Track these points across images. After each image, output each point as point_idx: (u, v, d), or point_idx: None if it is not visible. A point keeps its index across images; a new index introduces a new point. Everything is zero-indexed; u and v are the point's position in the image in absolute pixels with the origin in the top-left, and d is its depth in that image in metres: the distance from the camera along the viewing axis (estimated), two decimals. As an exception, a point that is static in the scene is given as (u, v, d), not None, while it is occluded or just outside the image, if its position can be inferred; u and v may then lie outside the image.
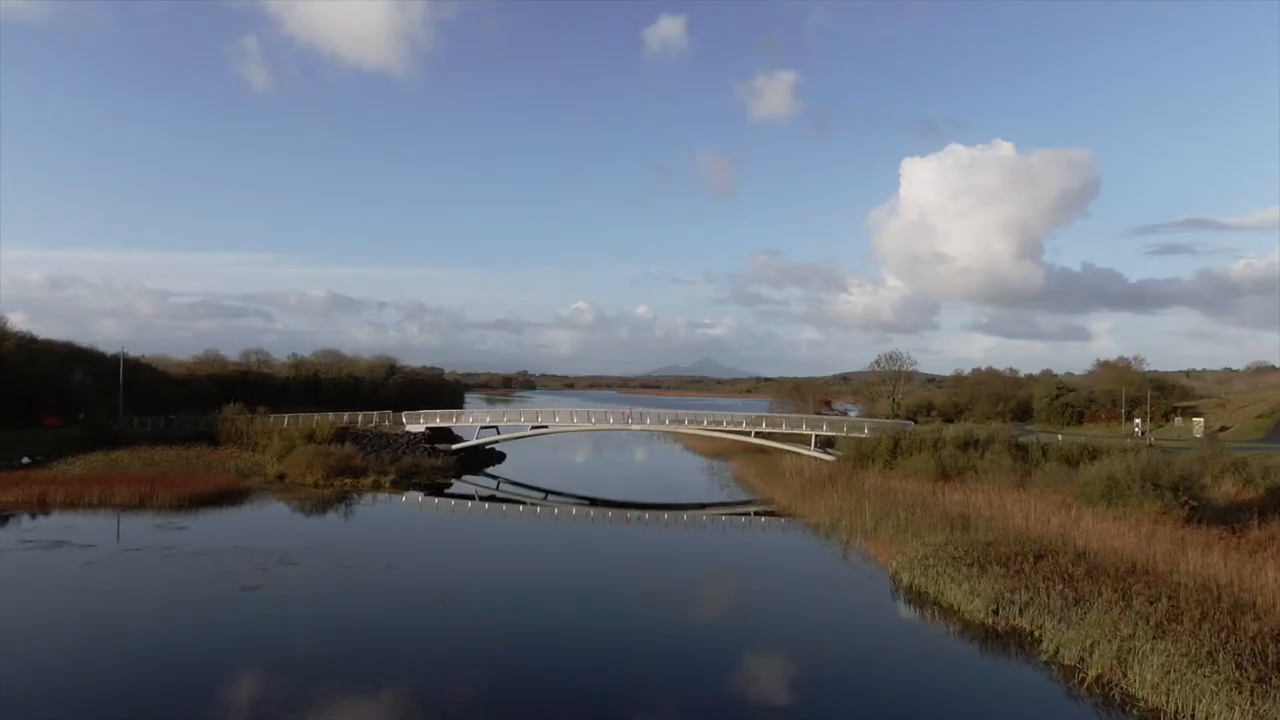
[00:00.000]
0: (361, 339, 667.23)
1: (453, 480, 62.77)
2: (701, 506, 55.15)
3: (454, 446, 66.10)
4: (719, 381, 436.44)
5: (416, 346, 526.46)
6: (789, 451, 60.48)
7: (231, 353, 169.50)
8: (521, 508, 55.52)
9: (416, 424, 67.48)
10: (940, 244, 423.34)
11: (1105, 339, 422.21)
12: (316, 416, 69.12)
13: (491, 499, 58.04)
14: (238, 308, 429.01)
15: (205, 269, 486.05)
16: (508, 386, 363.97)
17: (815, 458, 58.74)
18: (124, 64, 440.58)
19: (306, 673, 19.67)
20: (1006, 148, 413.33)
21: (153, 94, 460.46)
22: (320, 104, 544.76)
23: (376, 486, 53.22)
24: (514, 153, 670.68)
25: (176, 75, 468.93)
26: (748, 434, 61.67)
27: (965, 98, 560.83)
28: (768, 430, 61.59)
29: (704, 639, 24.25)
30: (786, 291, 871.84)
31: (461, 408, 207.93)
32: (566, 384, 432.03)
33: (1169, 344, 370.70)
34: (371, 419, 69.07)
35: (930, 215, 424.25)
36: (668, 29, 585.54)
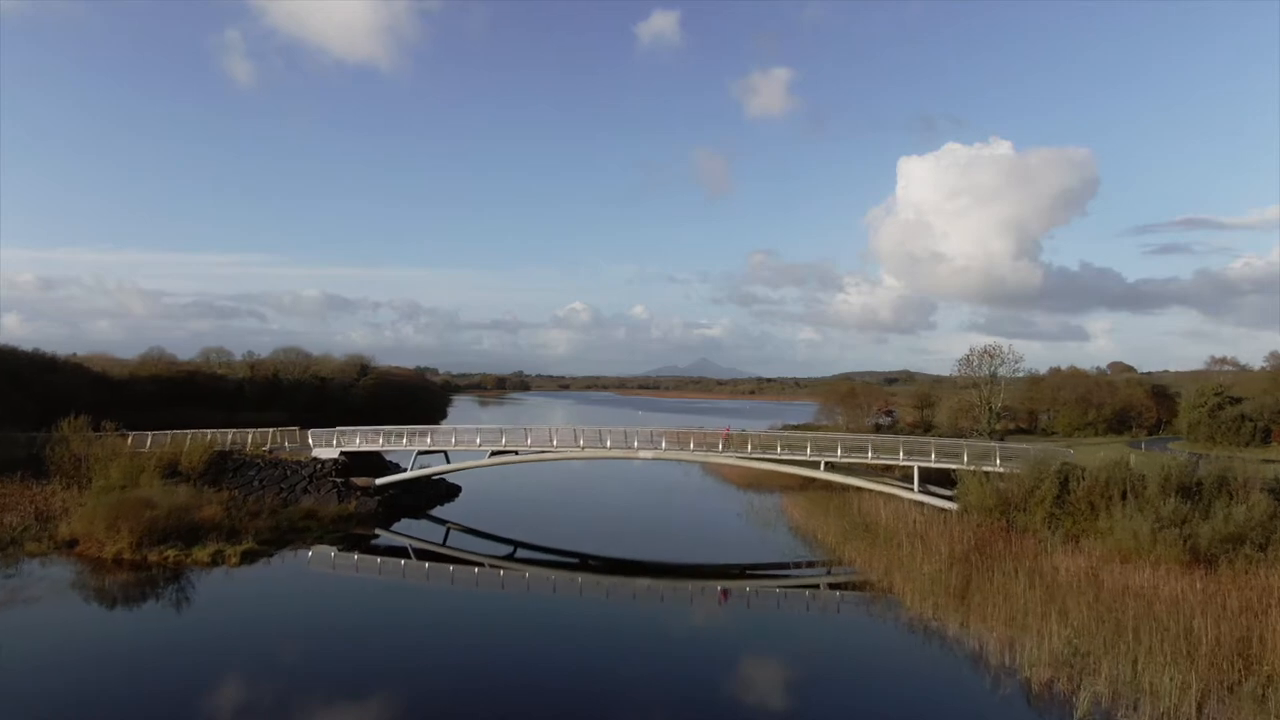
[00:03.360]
0: (357, 339, 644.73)
1: (377, 531, 41.17)
2: (745, 572, 34.67)
3: (378, 481, 44.14)
4: (719, 382, 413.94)
5: (412, 347, 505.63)
6: (878, 492, 38.88)
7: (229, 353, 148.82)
8: (476, 572, 35.49)
9: (328, 447, 45.58)
10: (938, 243, 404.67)
11: (1103, 339, 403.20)
12: (192, 434, 47.29)
13: (434, 557, 37.02)
14: (231, 308, 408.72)
15: (200, 269, 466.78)
16: (501, 388, 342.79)
17: (923, 504, 37.14)
18: (111, 61, 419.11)
19: None
20: (1004, 146, 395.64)
21: (142, 91, 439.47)
22: (310, 101, 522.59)
23: (217, 561, 31.17)
24: (509, 152, 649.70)
25: (164, 71, 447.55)
26: (815, 465, 39.81)
27: (964, 96, 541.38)
28: (846, 461, 39.73)
29: None
30: (783, 291, 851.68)
31: (445, 412, 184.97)
32: (562, 385, 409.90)
33: (1167, 344, 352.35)
34: (266, 439, 47.09)
35: (928, 214, 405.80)
36: (660, 24, 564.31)
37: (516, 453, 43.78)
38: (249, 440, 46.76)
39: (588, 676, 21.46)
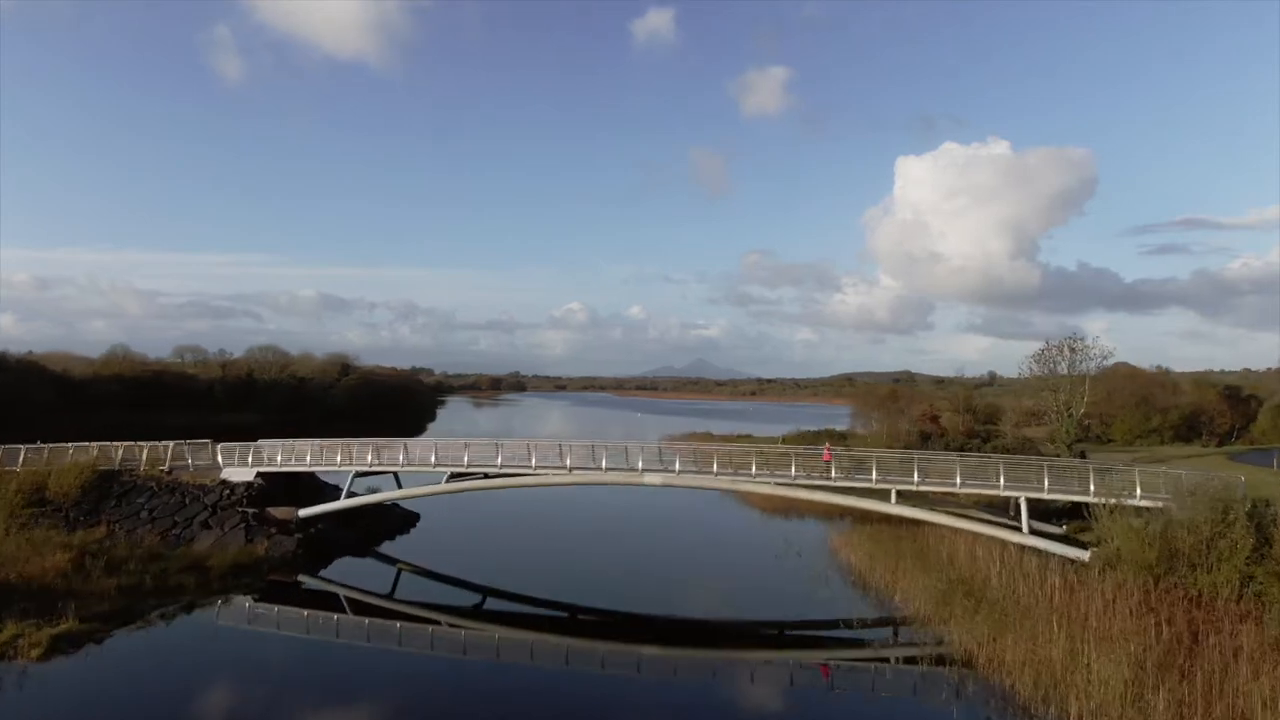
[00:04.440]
0: (353, 339, 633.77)
1: (300, 578, 30.71)
2: (784, 632, 25.79)
3: (302, 512, 33.34)
4: (718, 383, 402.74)
5: (409, 347, 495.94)
6: (969, 531, 28.20)
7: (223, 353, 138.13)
8: (431, 631, 25.98)
9: (242, 466, 34.82)
10: (935, 243, 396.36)
11: (1100, 340, 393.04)
12: (73, 448, 36.53)
13: (376, 611, 27.33)
14: (227, 308, 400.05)
15: (198, 269, 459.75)
16: (496, 388, 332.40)
17: (1039, 551, 26.54)
18: (106, 60, 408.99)
19: None
20: (1002, 146, 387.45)
21: (139, 90, 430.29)
22: (305, 100, 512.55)
23: (8, 654, 20.20)
24: (506, 152, 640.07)
25: (157, 69, 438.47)
26: (884, 495, 29.02)
27: (962, 95, 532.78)
28: (920, 489, 28.92)
29: None
30: (780, 291, 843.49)
31: (434, 414, 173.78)
32: (558, 385, 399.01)
33: (1165, 345, 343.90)
34: (164, 455, 36.27)
35: (925, 214, 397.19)
36: (656, 21, 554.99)
37: (485, 475, 33.04)
38: (142, 455, 35.96)
39: None
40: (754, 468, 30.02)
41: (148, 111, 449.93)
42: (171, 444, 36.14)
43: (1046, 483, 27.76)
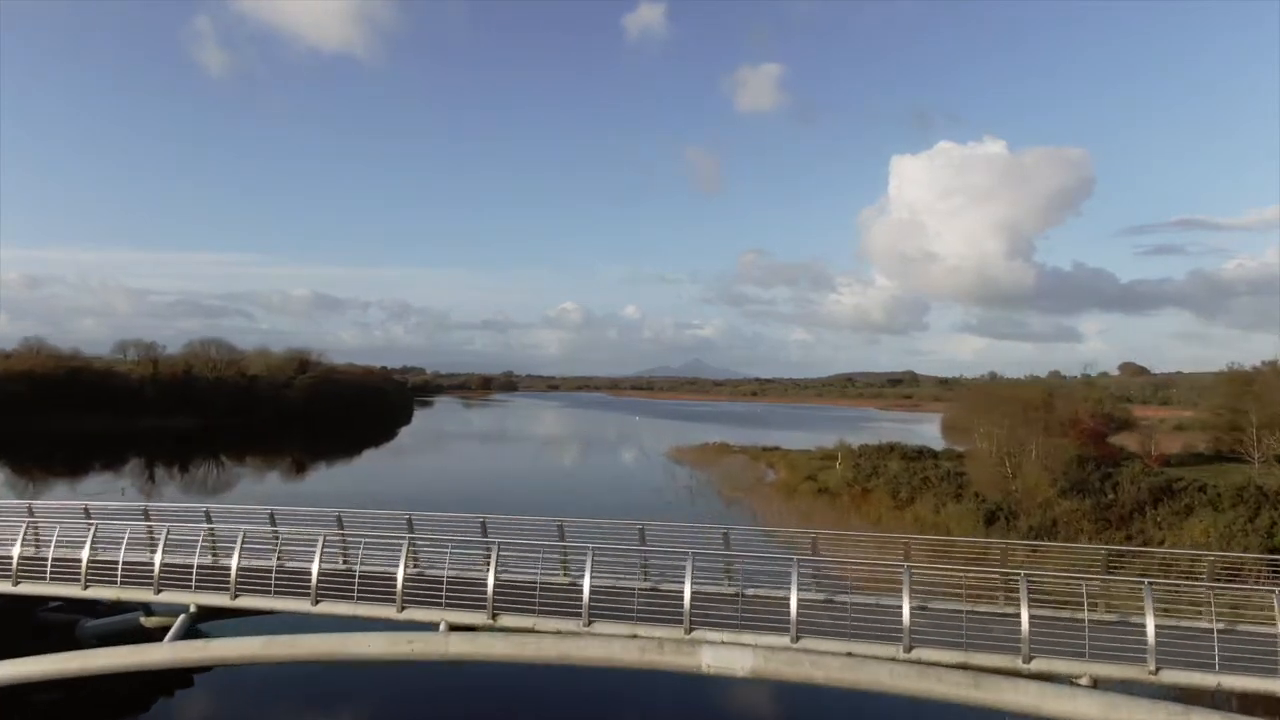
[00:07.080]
0: (347, 339, 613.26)
1: None
2: None
3: None
4: (716, 383, 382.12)
5: (402, 347, 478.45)
6: None
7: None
8: None
9: None
10: (930, 243, 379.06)
11: (1095, 340, 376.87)
12: None
13: None
14: (219, 307, 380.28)
15: (189, 268, 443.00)
16: (487, 388, 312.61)
17: None
18: (95, 56, 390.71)
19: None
20: (998, 145, 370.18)
21: (126, 87, 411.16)
22: (294, 96, 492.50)
23: None
24: (499, 151, 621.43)
25: (142, 65, 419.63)
26: None
27: (959, 93, 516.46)
28: None
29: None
30: (775, 291, 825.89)
31: (409, 417, 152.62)
32: (551, 385, 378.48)
33: (1159, 346, 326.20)
34: None
35: (920, 214, 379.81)
36: (647, 15, 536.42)
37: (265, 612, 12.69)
38: None
39: None
40: (1025, 609, 9.85)
41: (139, 108, 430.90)
42: None
43: None
